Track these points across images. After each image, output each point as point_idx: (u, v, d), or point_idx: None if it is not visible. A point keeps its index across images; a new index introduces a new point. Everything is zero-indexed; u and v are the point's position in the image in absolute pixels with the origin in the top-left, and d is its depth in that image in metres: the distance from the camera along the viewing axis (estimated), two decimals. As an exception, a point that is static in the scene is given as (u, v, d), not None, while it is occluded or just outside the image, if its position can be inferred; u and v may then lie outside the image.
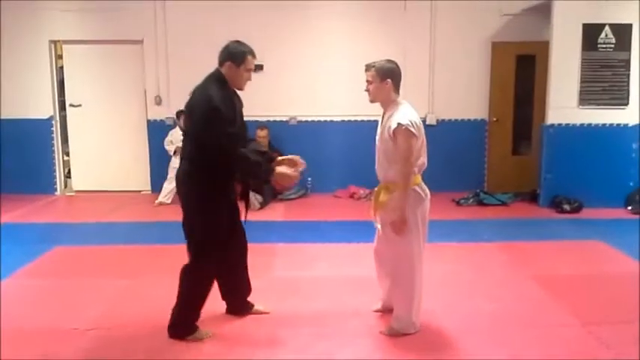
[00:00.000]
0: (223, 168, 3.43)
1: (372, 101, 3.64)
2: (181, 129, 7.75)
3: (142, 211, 7.40)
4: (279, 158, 3.61)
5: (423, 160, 3.58)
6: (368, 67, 3.57)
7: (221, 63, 3.54)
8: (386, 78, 3.51)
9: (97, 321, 3.87)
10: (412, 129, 3.39)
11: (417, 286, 3.60)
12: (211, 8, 8.05)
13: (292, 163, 3.59)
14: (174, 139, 7.70)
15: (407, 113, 3.46)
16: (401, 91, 3.63)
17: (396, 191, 3.46)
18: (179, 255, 5.27)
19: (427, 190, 3.62)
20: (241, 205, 3.82)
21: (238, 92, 3.66)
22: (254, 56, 3.54)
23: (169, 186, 7.60)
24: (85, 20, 8.15)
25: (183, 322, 3.56)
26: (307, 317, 3.94)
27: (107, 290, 4.45)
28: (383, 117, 3.61)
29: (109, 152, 8.42)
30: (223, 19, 8.02)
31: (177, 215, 5.57)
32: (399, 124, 3.38)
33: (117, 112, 8.37)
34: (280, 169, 3.48)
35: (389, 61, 3.58)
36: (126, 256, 5.36)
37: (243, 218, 3.79)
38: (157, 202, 7.61)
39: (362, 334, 3.68)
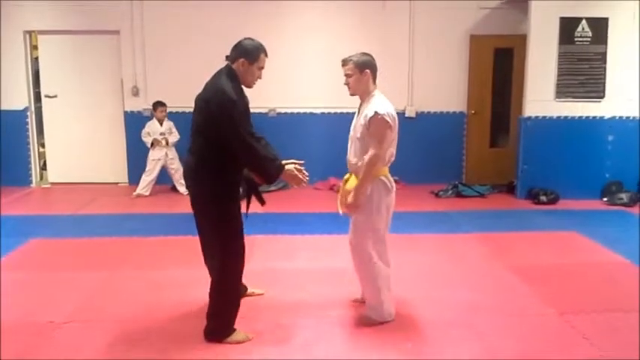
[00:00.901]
0: (232, 163, 3.36)
1: (352, 94, 3.65)
2: (158, 120, 7.69)
3: (119, 203, 7.32)
4: (285, 162, 3.53)
5: (392, 151, 3.61)
6: (345, 62, 3.58)
7: (233, 59, 3.45)
8: (364, 69, 3.53)
9: (74, 314, 3.83)
10: (388, 118, 3.42)
11: (381, 275, 3.63)
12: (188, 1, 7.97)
13: (298, 168, 3.55)
14: (152, 130, 7.64)
15: (384, 103, 3.49)
16: (380, 83, 3.63)
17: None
18: (156, 247, 5.26)
19: (393, 183, 3.65)
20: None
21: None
22: (267, 54, 3.49)
23: (148, 178, 7.55)
24: (61, 10, 8.02)
25: (223, 328, 3.47)
26: (286, 308, 3.94)
27: (83, 283, 4.40)
28: (359, 108, 3.63)
29: (85, 144, 8.31)
30: (201, 10, 7.97)
31: (154, 207, 5.64)
32: (376, 112, 3.41)
33: (93, 104, 8.26)
34: (290, 166, 3.48)
35: (364, 53, 3.61)
36: (102, 249, 5.31)
37: (245, 210, 3.69)
38: (134, 194, 7.54)
39: (341, 324, 3.69)
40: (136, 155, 8.07)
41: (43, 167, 8.51)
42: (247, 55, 3.42)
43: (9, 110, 8.11)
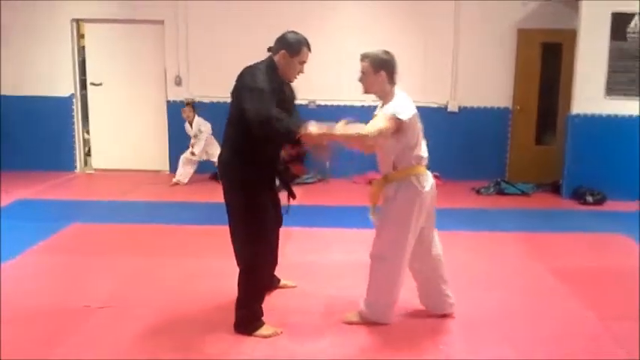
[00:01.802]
0: (262, 154, 3.36)
1: (365, 92, 3.50)
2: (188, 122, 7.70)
3: (159, 191, 7.42)
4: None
5: (418, 153, 3.39)
6: (363, 58, 3.44)
7: (275, 51, 3.42)
8: (380, 70, 3.37)
9: (109, 299, 3.88)
10: (400, 116, 3.24)
11: (392, 281, 3.46)
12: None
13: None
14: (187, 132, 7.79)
15: (400, 103, 3.32)
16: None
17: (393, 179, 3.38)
18: (193, 235, 5.29)
19: (430, 182, 3.42)
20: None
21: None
22: (309, 49, 3.44)
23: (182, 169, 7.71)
24: (107, 0, 8.16)
25: (250, 320, 3.45)
26: (317, 302, 3.89)
27: (121, 269, 4.47)
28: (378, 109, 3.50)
29: (128, 131, 8.45)
30: (244, 2, 7.96)
31: (192, 195, 5.58)
32: (385, 112, 3.31)
33: (137, 92, 8.38)
34: (312, 128, 3.16)
35: (385, 52, 3.43)
36: (141, 235, 5.39)
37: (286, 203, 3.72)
38: (174, 180, 7.66)
39: (373, 322, 3.62)
40: (178, 144, 8.16)
41: (88, 153, 8.68)
42: (289, 48, 3.39)
43: (55, 97, 8.30)
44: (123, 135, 8.45)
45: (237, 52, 8.02)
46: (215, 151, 7.66)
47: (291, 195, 3.73)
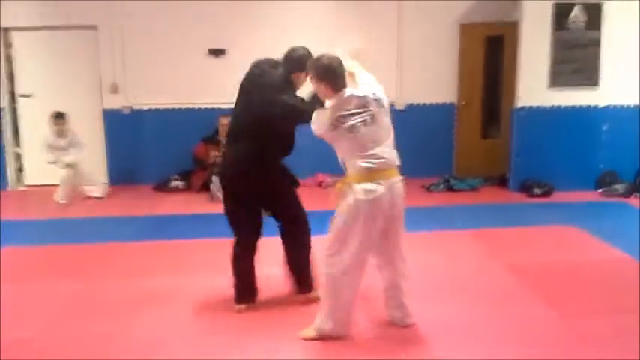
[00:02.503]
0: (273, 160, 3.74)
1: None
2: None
3: (97, 205, 7.06)
4: None
5: (360, 163, 3.20)
6: (308, 67, 3.38)
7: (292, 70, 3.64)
8: (322, 81, 3.25)
9: (46, 330, 3.59)
10: (314, 126, 3.35)
11: (339, 294, 3.31)
12: (169, -9, 7.69)
13: None
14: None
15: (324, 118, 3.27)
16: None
17: None
18: (135, 252, 4.99)
19: (377, 192, 3.17)
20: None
21: None
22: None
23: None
24: (36, 6, 7.71)
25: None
26: (275, 320, 3.71)
27: (59, 294, 4.16)
28: None
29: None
30: (182, 2, 7.68)
31: (133, 209, 5.24)
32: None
33: (71, 102, 7.92)
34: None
35: (327, 58, 3.25)
36: (80, 256, 5.06)
37: None
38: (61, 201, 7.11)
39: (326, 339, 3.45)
40: (116, 155, 7.85)
41: (20, 169, 8.20)
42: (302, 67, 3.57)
43: (-17, 111, 7.80)
44: (57, 148, 8.00)
45: (177, 56, 7.80)
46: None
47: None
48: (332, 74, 3.21)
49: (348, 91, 3.21)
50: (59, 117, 7.24)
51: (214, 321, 3.69)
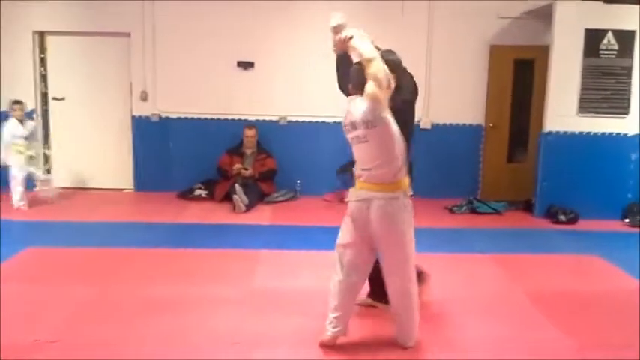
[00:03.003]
0: None
1: None
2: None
3: (122, 210, 7.14)
4: None
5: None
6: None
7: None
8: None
9: (61, 332, 3.60)
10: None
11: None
12: (202, 3, 7.78)
13: None
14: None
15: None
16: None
17: None
18: (154, 259, 5.02)
19: (361, 196, 3.37)
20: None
21: None
22: None
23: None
24: (71, 11, 7.87)
25: None
26: (283, 335, 3.68)
27: (76, 297, 4.18)
28: None
29: (92, 148, 8.14)
30: (213, 14, 7.79)
31: (157, 215, 5.27)
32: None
33: (101, 107, 8.10)
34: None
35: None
36: (100, 260, 5.10)
37: None
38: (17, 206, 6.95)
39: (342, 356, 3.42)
40: (143, 162, 7.96)
41: (48, 171, 8.33)
42: None
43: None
44: (86, 152, 8.14)
45: (206, 67, 7.90)
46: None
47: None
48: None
49: (349, 106, 3.34)
50: (18, 103, 7.05)
51: (227, 331, 3.69)
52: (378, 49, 3.43)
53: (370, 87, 3.19)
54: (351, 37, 3.39)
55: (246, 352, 3.41)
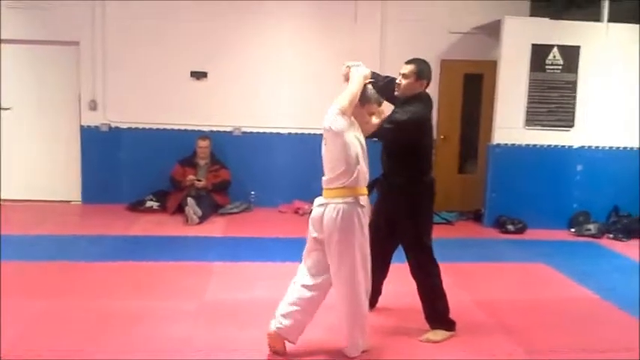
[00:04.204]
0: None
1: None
2: None
3: (69, 223, 6.95)
4: None
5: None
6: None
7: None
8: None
9: (13, 348, 3.49)
10: None
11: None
12: (153, 11, 7.69)
13: None
14: None
15: None
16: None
17: None
18: (104, 273, 4.90)
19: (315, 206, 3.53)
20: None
21: None
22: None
23: None
24: (17, 19, 7.64)
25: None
26: (238, 347, 3.65)
27: (26, 312, 4.06)
28: None
29: (38, 159, 7.91)
30: (166, 22, 7.71)
31: (105, 228, 5.10)
32: None
33: (49, 117, 7.88)
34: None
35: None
36: (49, 274, 4.95)
37: None
38: None
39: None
40: (91, 173, 7.79)
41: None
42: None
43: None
44: (32, 163, 7.90)
45: (159, 77, 7.80)
46: None
47: None
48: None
49: None
50: None
51: (180, 344, 3.63)
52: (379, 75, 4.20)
53: (340, 96, 3.41)
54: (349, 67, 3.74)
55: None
